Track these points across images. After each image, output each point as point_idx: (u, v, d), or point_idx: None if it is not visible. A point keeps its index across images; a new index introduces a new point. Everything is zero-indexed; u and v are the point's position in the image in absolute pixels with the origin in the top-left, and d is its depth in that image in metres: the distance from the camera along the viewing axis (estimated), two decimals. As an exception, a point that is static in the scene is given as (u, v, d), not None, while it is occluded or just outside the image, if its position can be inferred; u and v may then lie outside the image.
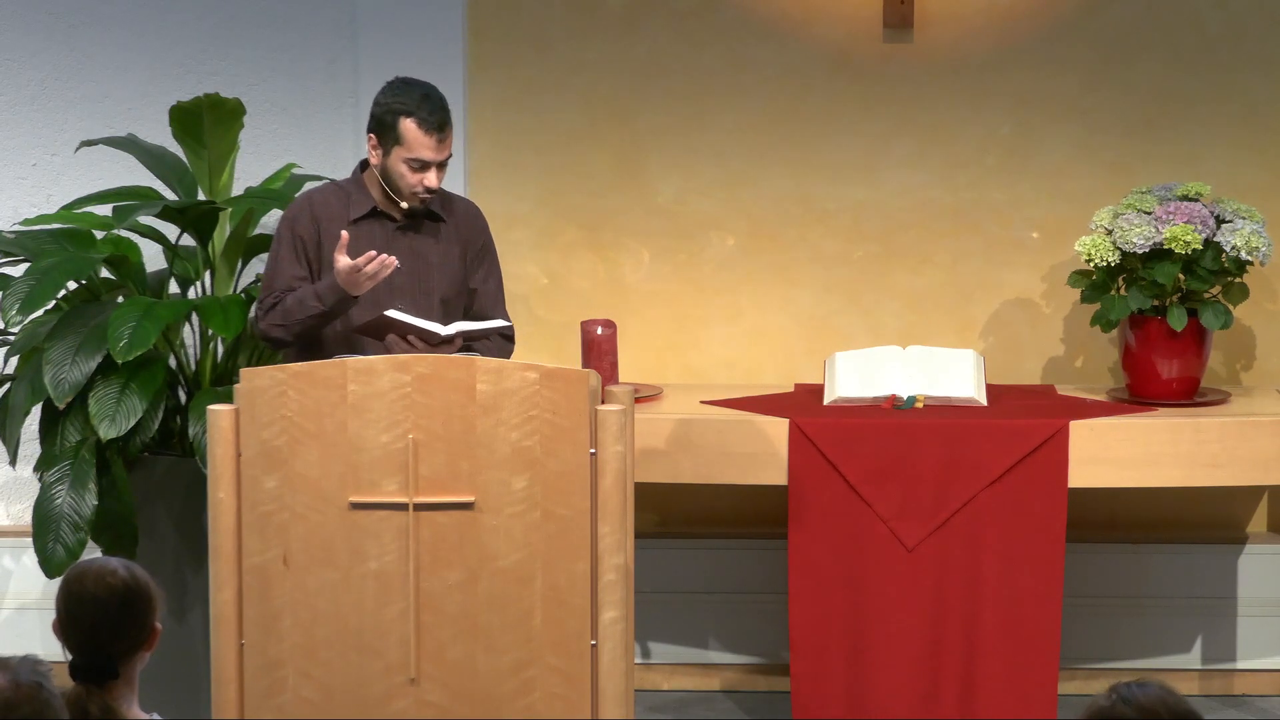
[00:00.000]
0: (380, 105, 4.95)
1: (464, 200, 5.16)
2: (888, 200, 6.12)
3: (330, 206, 4.99)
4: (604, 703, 4.29)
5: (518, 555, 4.29)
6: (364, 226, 4.97)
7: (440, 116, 4.91)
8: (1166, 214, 5.60)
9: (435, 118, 4.90)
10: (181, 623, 5.60)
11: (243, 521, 4.31)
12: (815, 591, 5.45)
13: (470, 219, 5.11)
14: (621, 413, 4.29)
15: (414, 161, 4.91)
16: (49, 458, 5.53)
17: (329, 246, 4.92)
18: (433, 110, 4.91)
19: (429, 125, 4.90)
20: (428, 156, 4.91)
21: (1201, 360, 5.71)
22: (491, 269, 5.13)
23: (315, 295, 4.87)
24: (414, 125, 4.90)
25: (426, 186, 4.93)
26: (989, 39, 6.05)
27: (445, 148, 4.93)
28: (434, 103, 4.92)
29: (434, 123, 4.90)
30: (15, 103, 6.14)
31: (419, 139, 4.90)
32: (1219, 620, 6.03)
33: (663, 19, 6.09)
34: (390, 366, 4.30)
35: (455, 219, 5.07)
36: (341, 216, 4.97)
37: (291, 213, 5.01)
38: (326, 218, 4.97)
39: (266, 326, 4.95)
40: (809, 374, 6.06)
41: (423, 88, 4.95)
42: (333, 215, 4.97)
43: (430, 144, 4.90)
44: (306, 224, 4.97)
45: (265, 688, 4.33)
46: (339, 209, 4.98)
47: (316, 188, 5.10)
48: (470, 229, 5.09)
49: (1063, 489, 5.41)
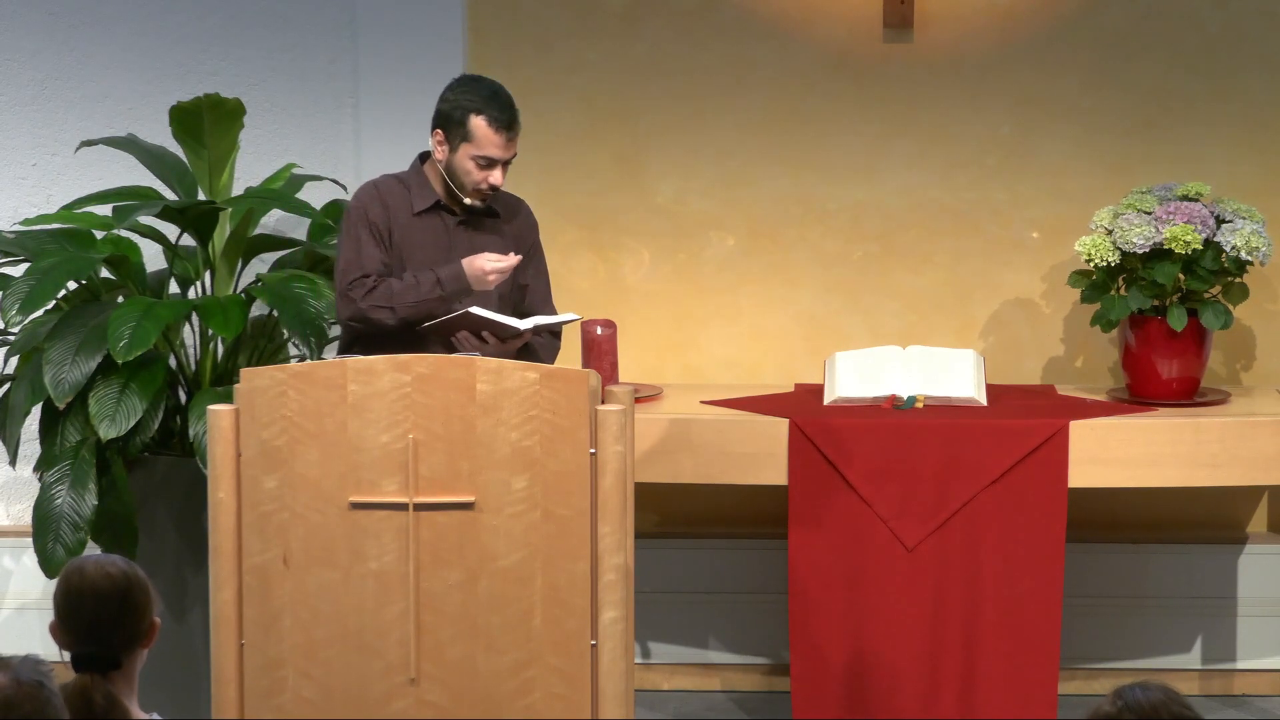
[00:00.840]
0: (448, 101, 4.97)
1: (515, 197, 5.18)
2: (888, 200, 6.12)
3: (395, 196, 5.02)
4: (604, 703, 4.29)
5: (518, 555, 4.29)
6: (426, 220, 5.01)
7: (509, 115, 4.96)
8: (1166, 214, 5.60)
9: (505, 116, 4.94)
10: (181, 623, 5.60)
11: (243, 521, 4.31)
12: (815, 591, 5.46)
13: (523, 216, 5.14)
14: (621, 413, 4.29)
15: (481, 159, 4.95)
16: (49, 458, 5.53)
17: (398, 235, 4.95)
18: (502, 108, 4.95)
19: (499, 123, 4.93)
20: (495, 154, 4.94)
21: (1201, 360, 5.71)
22: (540, 266, 5.16)
23: (436, 281, 4.89)
24: (484, 123, 4.94)
25: (491, 184, 4.96)
26: (989, 39, 6.05)
27: (512, 146, 4.97)
28: (503, 101, 4.96)
29: (504, 121, 4.94)
30: (15, 103, 6.14)
31: (488, 136, 4.94)
32: (1219, 620, 6.03)
33: (663, 19, 6.09)
34: (390, 366, 4.30)
35: (509, 215, 5.10)
36: (405, 208, 5.00)
37: (362, 200, 5.02)
38: (394, 206, 5.00)
39: (368, 308, 4.91)
40: (809, 374, 6.06)
41: (491, 85, 4.99)
42: (398, 204, 5.01)
43: (499, 142, 4.94)
44: (379, 211, 5.00)
45: (265, 688, 4.33)
46: (402, 200, 5.01)
47: (378, 178, 5.11)
48: (523, 226, 5.13)
49: (1063, 489, 5.41)
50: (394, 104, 6.04)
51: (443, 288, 4.87)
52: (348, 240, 5.01)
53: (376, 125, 6.07)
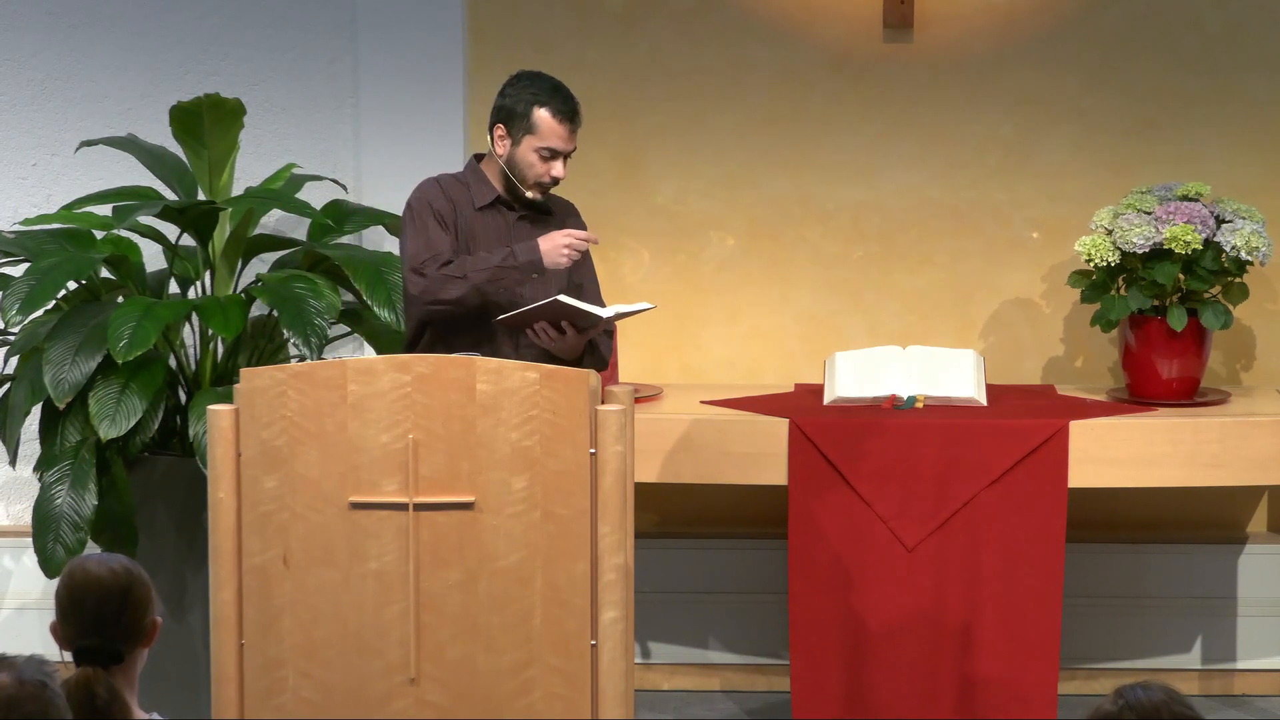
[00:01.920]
0: (510, 96, 5.00)
1: (566, 200, 5.21)
2: (888, 200, 6.12)
3: (457, 191, 5.04)
4: (604, 703, 4.29)
5: (518, 555, 4.29)
6: (488, 215, 5.03)
7: (572, 106, 5.00)
8: (1166, 214, 5.60)
9: (568, 107, 4.99)
10: (181, 623, 5.60)
11: (243, 521, 4.31)
12: (815, 591, 5.46)
13: (575, 217, 5.16)
14: (621, 413, 4.29)
15: (545, 150, 4.98)
16: (49, 458, 5.53)
17: (464, 227, 4.97)
18: (566, 100, 4.99)
19: (563, 115, 4.97)
20: (559, 146, 4.98)
21: (1201, 360, 5.71)
22: (591, 265, 5.17)
23: (510, 252, 4.90)
24: (548, 114, 4.97)
25: (554, 176, 4.99)
26: (989, 39, 6.05)
27: (574, 139, 5.01)
28: (565, 94, 5.01)
29: (567, 112, 4.98)
30: (15, 103, 6.14)
31: (553, 128, 4.97)
32: (1219, 620, 6.03)
33: (663, 19, 6.09)
34: (390, 367, 4.30)
35: (563, 215, 5.13)
36: (467, 202, 5.02)
37: (425, 194, 5.01)
38: (457, 200, 5.02)
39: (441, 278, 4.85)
40: (809, 374, 6.06)
41: (552, 80, 5.03)
42: (461, 199, 5.03)
43: (563, 133, 4.97)
44: (443, 203, 5.00)
45: (265, 688, 4.33)
46: (464, 195, 5.03)
47: (439, 176, 5.10)
48: (576, 226, 5.13)
49: (1063, 489, 5.41)
50: (394, 104, 6.04)
51: (515, 257, 4.88)
52: (414, 230, 4.99)
53: (376, 125, 6.07)
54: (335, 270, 5.77)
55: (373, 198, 6.01)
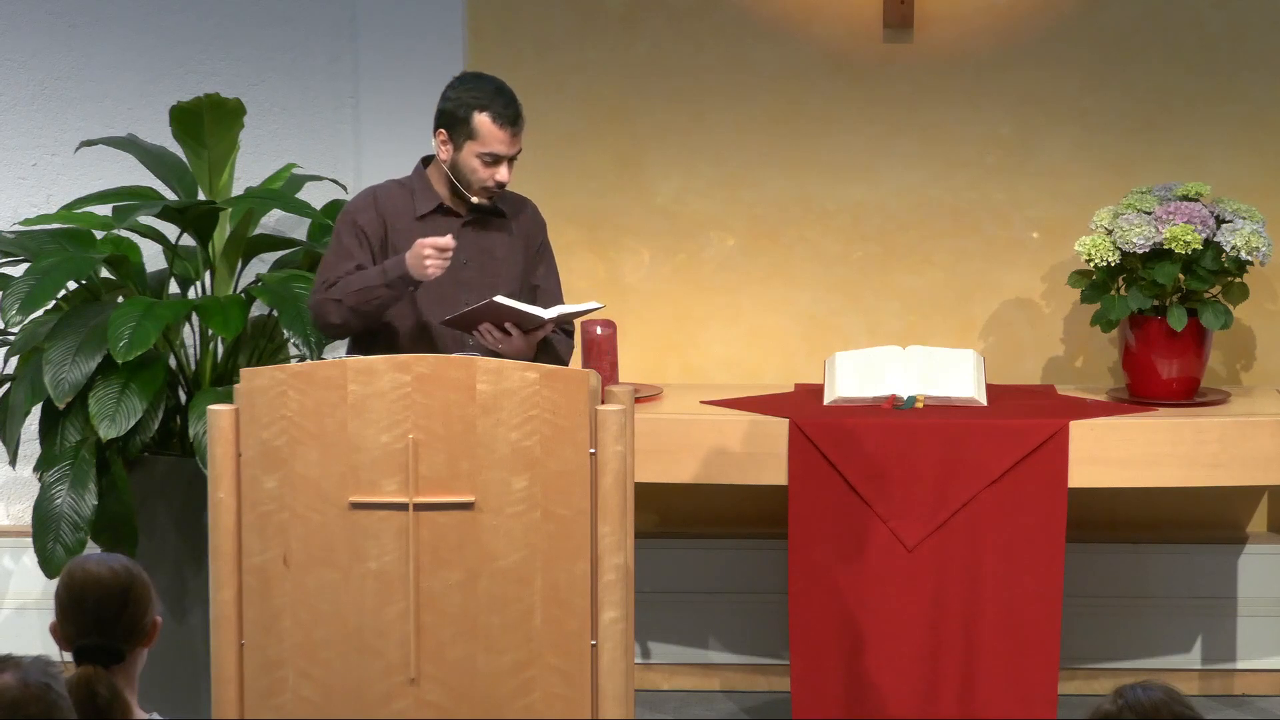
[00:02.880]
0: (451, 100, 4.92)
1: (522, 197, 5.13)
2: (888, 200, 6.12)
3: (395, 202, 4.95)
4: (604, 703, 4.29)
5: (518, 555, 4.29)
6: (430, 222, 4.93)
7: (514, 110, 4.92)
8: (1166, 214, 5.60)
9: (509, 111, 4.90)
10: (181, 623, 5.60)
11: (243, 521, 4.31)
12: (815, 591, 5.46)
13: (530, 215, 5.09)
14: (621, 413, 4.29)
15: (487, 155, 4.90)
16: (49, 458, 5.53)
17: (395, 241, 4.90)
18: (507, 104, 4.91)
19: (503, 119, 4.89)
20: (501, 150, 4.89)
21: (1201, 360, 5.71)
22: (551, 265, 5.11)
23: (381, 270, 4.82)
24: (489, 119, 4.89)
25: (498, 181, 4.91)
26: (989, 39, 6.05)
27: (518, 142, 4.93)
28: (507, 97, 4.92)
29: (508, 116, 4.90)
30: (15, 103, 6.14)
31: (493, 133, 4.88)
32: (1219, 620, 6.03)
33: (663, 19, 6.09)
34: (390, 366, 4.30)
35: (516, 215, 5.05)
36: (407, 212, 4.93)
37: (355, 205, 4.97)
38: (392, 213, 4.93)
39: (320, 301, 4.83)
40: (809, 374, 6.06)
41: (494, 82, 4.95)
42: (398, 211, 4.94)
43: (504, 138, 4.89)
44: (371, 217, 4.93)
45: (265, 688, 4.33)
46: (404, 205, 4.95)
47: (379, 184, 5.06)
48: (531, 225, 5.07)
49: (1063, 489, 5.41)
50: (394, 104, 6.03)
51: (386, 273, 4.78)
52: (330, 247, 4.96)
53: (376, 125, 6.07)
54: (335, 270, 5.76)
55: (373, 198, 6.01)
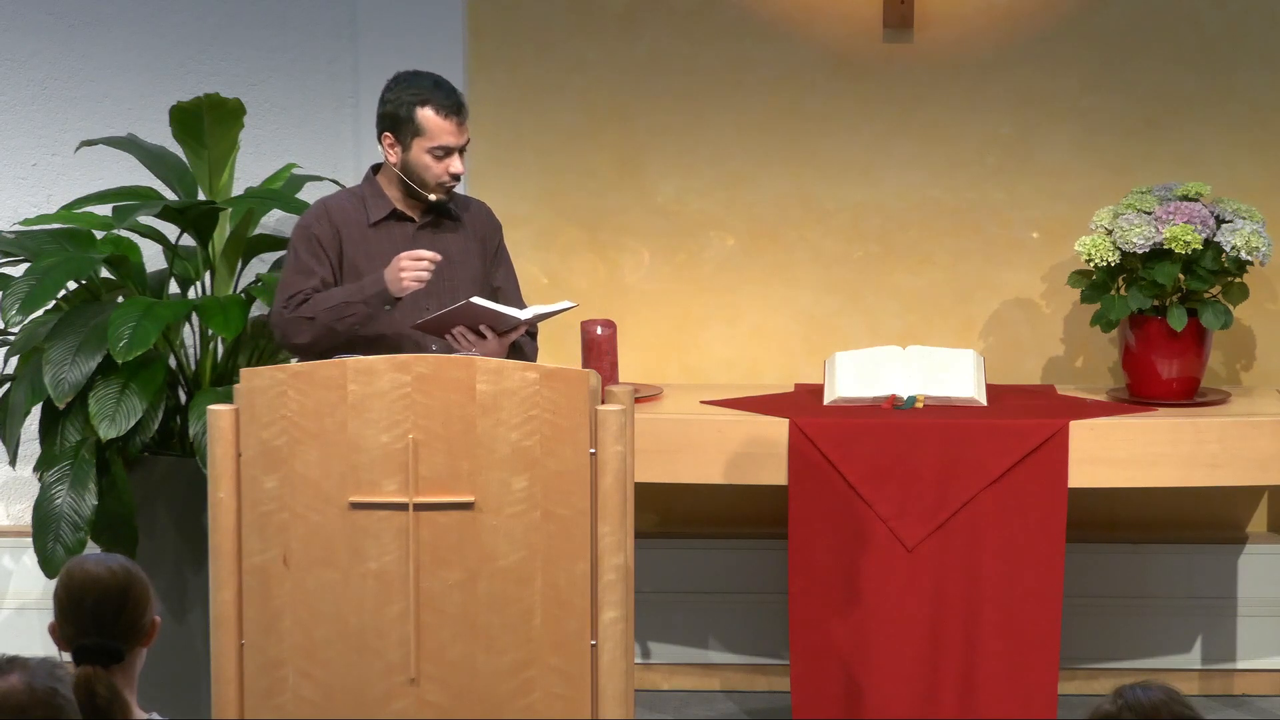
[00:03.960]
0: (390, 101, 4.89)
1: (474, 199, 5.13)
2: (888, 200, 6.12)
3: (347, 212, 4.93)
4: (604, 703, 4.29)
5: (518, 555, 4.29)
6: (384, 229, 4.92)
7: (456, 99, 4.89)
8: (1166, 214, 5.60)
9: (451, 101, 4.88)
10: (181, 623, 5.60)
11: (243, 521, 4.31)
12: (815, 591, 5.45)
13: (484, 217, 5.08)
14: (621, 413, 4.29)
15: (437, 149, 4.87)
16: (49, 458, 5.53)
17: (349, 252, 4.88)
18: (448, 94, 4.89)
19: (447, 109, 4.86)
20: (450, 142, 4.87)
21: (1201, 360, 5.71)
22: (509, 268, 5.11)
23: (358, 287, 4.79)
24: (432, 113, 4.86)
25: (452, 173, 4.88)
26: (989, 39, 6.05)
27: (464, 131, 4.90)
28: (446, 88, 4.90)
29: (451, 106, 4.87)
30: (15, 103, 6.14)
31: (439, 125, 4.86)
32: (1219, 620, 6.03)
33: (663, 19, 6.09)
34: (390, 366, 4.30)
35: (470, 217, 5.03)
36: (359, 221, 4.91)
37: (308, 219, 4.94)
38: (344, 223, 4.91)
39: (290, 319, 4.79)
40: (809, 374, 6.06)
41: (430, 77, 4.92)
42: (350, 220, 4.91)
43: (450, 128, 4.87)
44: (325, 228, 4.90)
45: (265, 688, 4.33)
46: (355, 214, 4.92)
47: (331, 195, 5.05)
48: (486, 227, 5.06)
49: (1063, 489, 5.41)
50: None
51: (363, 290, 4.76)
52: (287, 264, 4.92)
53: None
54: (335, 270, 5.77)
55: (373, 198, 6.01)
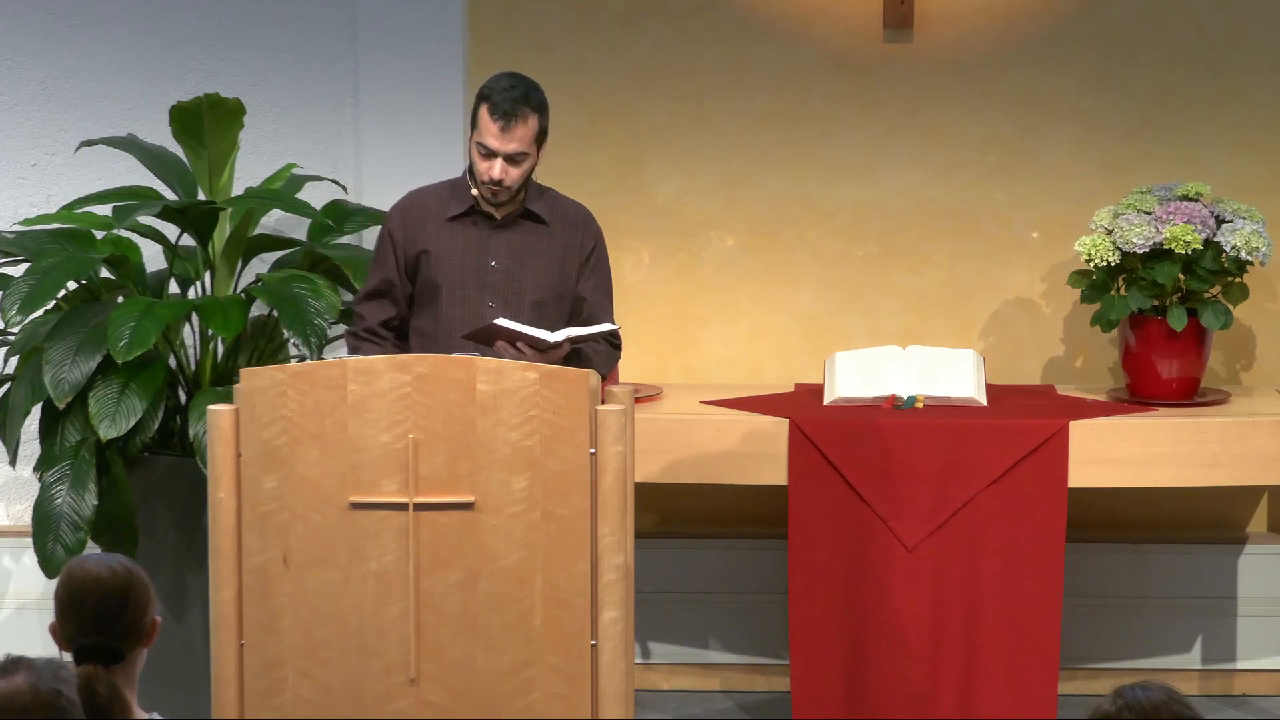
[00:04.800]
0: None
1: (575, 205, 4.99)
2: (888, 200, 6.12)
3: (428, 205, 4.90)
4: (604, 703, 4.29)
5: (518, 555, 4.29)
6: (461, 223, 4.88)
7: (509, 105, 4.75)
8: (1166, 214, 5.60)
9: (504, 104, 4.75)
10: (181, 623, 5.60)
11: (243, 521, 4.31)
12: (815, 591, 5.46)
13: (579, 223, 4.95)
14: (621, 413, 4.29)
15: (482, 147, 4.78)
16: (49, 458, 5.53)
17: (424, 244, 4.86)
18: (504, 97, 4.76)
19: (495, 111, 4.74)
20: (492, 144, 4.76)
21: (1201, 360, 5.71)
22: (601, 280, 4.97)
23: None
24: (485, 110, 4.77)
25: (492, 177, 4.78)
26: (989, 39, 6.05)
27: (510, 139, 4.75)
28: (509, 91, 4.77)
29: (501, 109, 4.75)
30: (15, 103, 6.14)
31: (486, 124, 4.76)
32: (1219, 620, 6.03)
33: (663, 19, 6.09)
34: (390, 366, 4.30)
35: (560, 221, 4.92)
36: (440, 214, 4.88)
37: (395, 207, 4.96)
38: (422, 216, 4.88)
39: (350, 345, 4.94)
40: (809, 374, 6.06)
41: (511, 78, 4.81)
42: (429, 213, 4.88)
43: (494, 130, 4.75)
44: (399, 224, 4.91)
45: (265, 688, 4.33)
46: (438, 207, 4.89)
47: (427, 186, 4.99)
48: (579, 235, 4.93)
49: (1063, 489, 5.41)
50: (394, 104, 6.03)
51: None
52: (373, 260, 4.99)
53: (376, 125, 6.06)
54: (335, 270, 5.76)
55: (372, 198, 6.01)
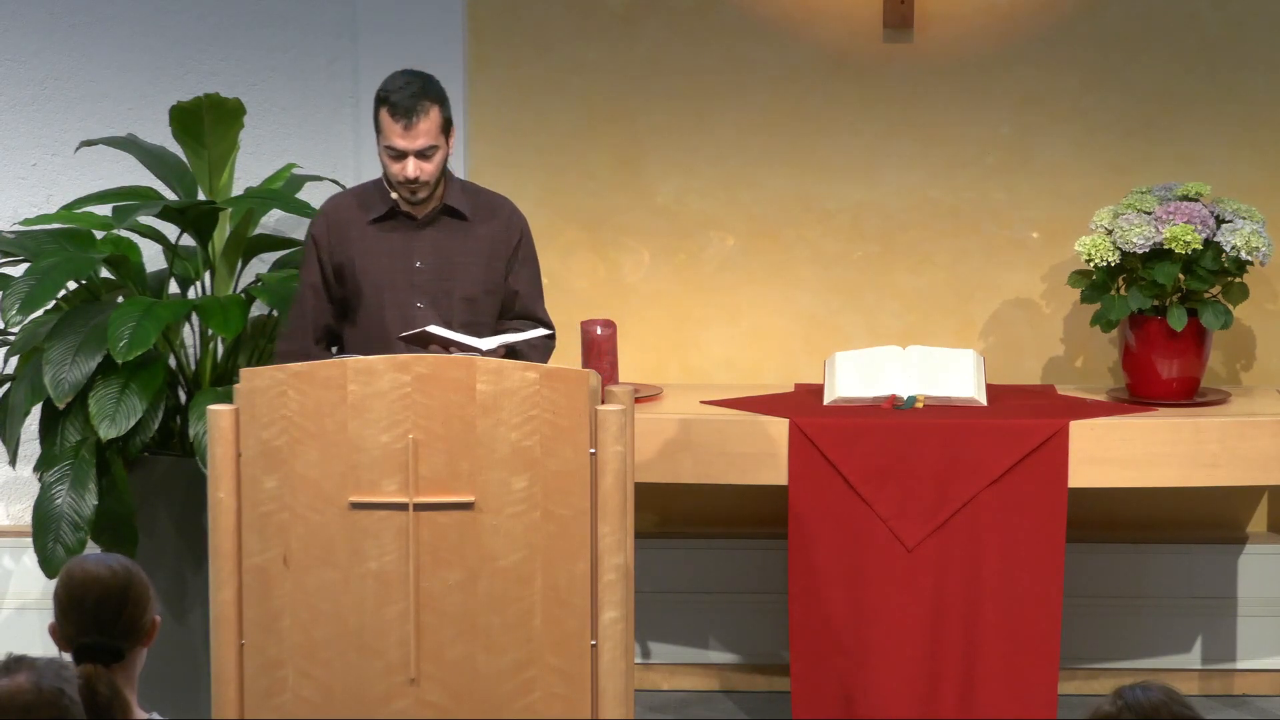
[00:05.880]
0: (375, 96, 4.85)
1: (497, 197, 5.01)
2: (888, 200, 6.12)
3: (350, 209, 4.92)
4: (604, 703, 4.29)
5: (518, 555, 4.29)
6: (386, 226, 4.89)
7: (409, 103, 4.73)
8: (1166, 214, 5.60)
9: (404, 103, 4.72)
10: (181, 623, 5.60)
11: (243, 521, 4.31)
12: (815, 591, 5.46)
13: (503, 218, 4.96)
14: (621, 413, 4.29)
15: (390, 150, 4.76)
16: (49, 458, 5.53)
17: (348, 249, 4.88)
18: (402, 95, 4.73)
19: (396, 110, 4.72)
20: (399, 144, 4.74)
21: (1201, 360, 5.71)
22: (531, 270, 4.99)
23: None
24: (386, 111, 4.75)
25: (407, 177, 4.77)
26: (989, 39, 6.05)
27: (416, 135, 4.74)
28: (406, 89, 4.74)
29: (401, 108, 4.72)
30: (15, 103, 6.14)
31: (389, 126, 4.74)
32: (1219, 620, 6.03)
33: (663, 19, 6.09)
34: (390, 366, 4.30)
35: (483, 216, 4.93)
36: (359, 219, 4.90)
37: (314, 222, 4.98)
38: (345, 220, 4.90)
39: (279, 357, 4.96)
40: (809, 374, 6.06)
41: (406, 75, 4.79)
42: (351, 218, 4.90)
43: (399, 130, 4.72)
44: (321, 227, 4.94)
45: (265, 688, 4.33)
46: (358, 211, 4.90)
47: (346, 190, 5.03)
48: (504, 229, 4.95)
49: (1063, 489, 5.41)
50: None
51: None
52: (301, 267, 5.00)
53: (376, 125, 6.06)
54: (335, 270, 5.77)
55: (373, 198, 6.01)
